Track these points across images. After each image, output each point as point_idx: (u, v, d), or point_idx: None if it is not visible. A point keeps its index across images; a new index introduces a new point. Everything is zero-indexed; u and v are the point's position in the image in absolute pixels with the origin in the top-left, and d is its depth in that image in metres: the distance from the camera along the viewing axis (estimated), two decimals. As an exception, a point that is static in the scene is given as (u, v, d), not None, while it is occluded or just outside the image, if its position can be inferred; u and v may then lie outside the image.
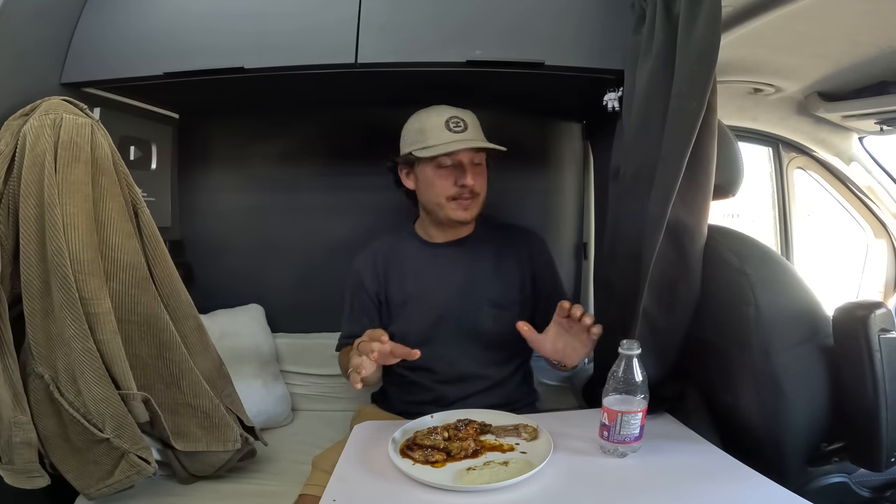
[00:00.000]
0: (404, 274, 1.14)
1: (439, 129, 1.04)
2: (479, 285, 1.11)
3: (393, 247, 1.18)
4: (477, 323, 1.09)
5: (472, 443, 0.82)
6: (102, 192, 0.94)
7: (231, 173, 1.62)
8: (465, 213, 1.07)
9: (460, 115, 1.06)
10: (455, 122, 1.04)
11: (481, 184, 1.08)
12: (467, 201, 1.06)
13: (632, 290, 0.94)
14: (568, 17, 1.07)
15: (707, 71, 0.82)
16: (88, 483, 0.95)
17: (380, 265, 1.15)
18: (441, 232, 1.15)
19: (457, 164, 1.05)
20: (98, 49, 1.14)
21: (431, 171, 1.06)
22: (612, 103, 1.07)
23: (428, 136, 1.05)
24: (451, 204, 1.07)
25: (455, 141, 1.03)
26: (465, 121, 1.05)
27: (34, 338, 0.92)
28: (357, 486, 0.74)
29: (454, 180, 1.05)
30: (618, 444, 0.78)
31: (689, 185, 0.84)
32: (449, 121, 1.04)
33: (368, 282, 1.15)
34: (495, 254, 1.14)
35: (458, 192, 1.05)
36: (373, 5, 1.08)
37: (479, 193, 1.08)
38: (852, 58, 1.34)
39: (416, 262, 1.14)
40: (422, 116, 1.09)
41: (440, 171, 1.06)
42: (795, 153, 2.09)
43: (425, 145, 1.04)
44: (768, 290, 0.84)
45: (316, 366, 1.52)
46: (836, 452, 0.86)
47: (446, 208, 1.07)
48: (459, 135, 1.04)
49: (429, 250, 1.15)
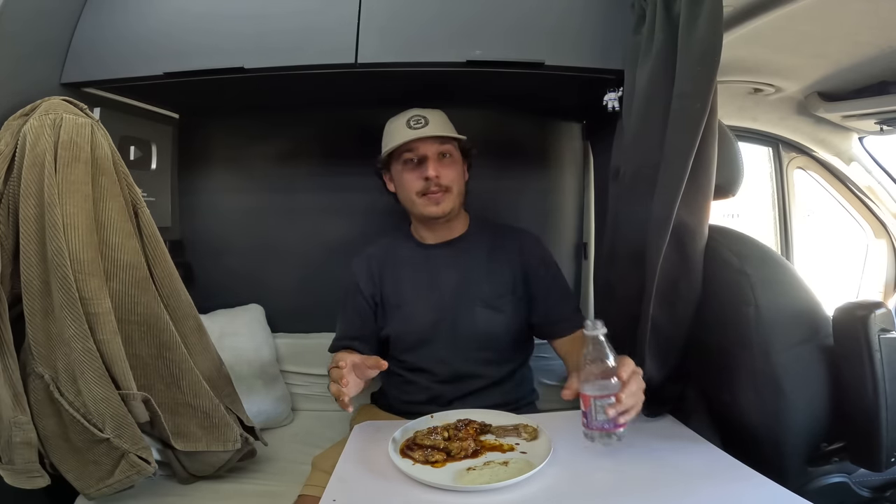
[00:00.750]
0: (399, 276, 1.15)
1: (401, 128, 1.07)
2: (472, 285, 1.11)
3: (388, 250, 1.19)
4: (471, 323, 1.09)
5: (472, 443, 0.82)
6: (102, 192, 0.94)
7: (231, 173, 1.62)
8: (436, 207, 1.07)
9: (422, 113, 1.08)
10: (416, 120, 1.07)
11: (449, 176, 1.08)
12: (436, 195, 1.06)
13: (632, 290, 0.94)
14: (568, 17, 1.08)
15: (709, 71, 0.82)
16: (88, 483, 0.95)
17: (375, 268, 1.16)
18: (431, 233, 1.15)
19: (421, 159, 1.07)
20: (98, 49, 1.14)
21: (400, 168, 1.09)
22: (612, 103, 1.07)
23: (392, 136, 1.09)
24: (421, 200, 1.08)
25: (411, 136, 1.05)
26: (425, 117, 1.07)
27: (34, 338, 0.92)
28: (357, 486, 0.74)
29: (419, 174, 1.07)
30: (597, 431, 0.76)
31: (690, 185, 0.84)
32: (410, 119, 1.07)
33: (364, 284, 1.15)
34: (487, 254, 1.14)
35: (424, 185, 1.06)
36: (373, 5, 1.08)
37: (450, 186, 1.08)
38: (852, 58, 1.34)
39: (411, 264, 1.15)
40: (391, 120, 1.13)
41: (406, 167, 1.08)
42: (795, 153, 2.09)
43: (388, 145, 1.09)
44: (768, 290, 0.84)
45: (316, 366, 1.52)
46: (836, 452, 0.86)
47: (419, 205, 1.08)
48: (417, 130, 1.05)
49: (422, 252, 1.16)
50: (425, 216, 1.09)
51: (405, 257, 1.16)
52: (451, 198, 1.08)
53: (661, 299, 0.90)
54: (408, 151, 1.07)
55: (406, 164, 1.08)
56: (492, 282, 1.11)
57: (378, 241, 1.22)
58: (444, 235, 1.15)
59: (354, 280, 1.16)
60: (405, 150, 1.07)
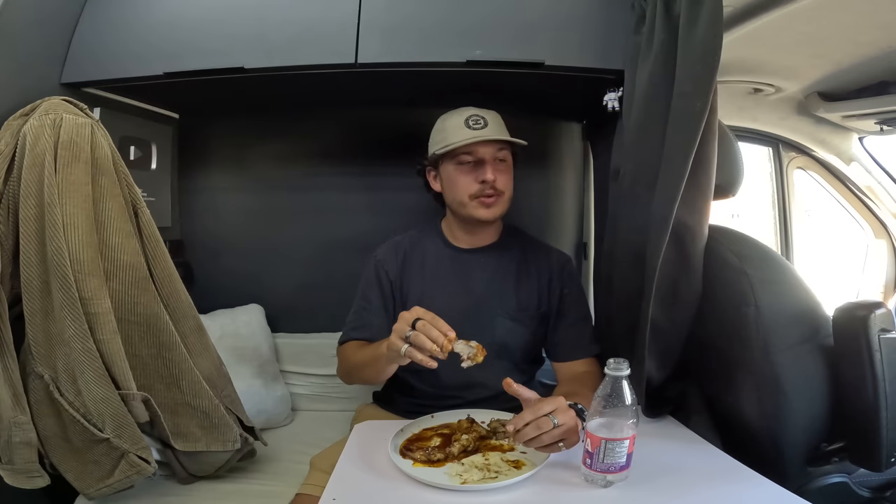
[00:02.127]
0: (424, 273, 1.12)
1: (459, 127, 1.04)
2: (497, 295, 1.09)
3: (415, 244, 1.15)
4: (491, 332, 1.07)
5: (472, 443, 0.82)
6: (102, 192, 0.94)
7: (231, 173, 1.62)
8: (487, 211, 1.05)
9: (481, 114, 1.05)
10: (475, 120, 1.04)
11: (504, 181, 1.06)
12: (490, 199, 1.04)
13: (632, 290, 0.94)
14: (568, 18, 1.07)
15: (710, 71, 0.82)
16: (88, 483, 0.95)
17: (400, 259, 1.13)
18: (466, 236, 1.13)
19: (478, 161, 1.04)
20: (98, 49, 1.14)
21: (453, 169, 1.06)
22: (612, 103, 1.07)
23: (448, 134, 1.05)
24: (473, 202, 1.05)
25: (472, 136, 1.02)
26: (485, 118, 1.04)
27: (34, 338, 0.92)
28: (357, 486, 0.74)
29: (475, 177, 1.04)
30: (602, 473, 0.72)
31: (690, 185, 0.84)
32: (469, 119, 1.04)
33: (392, 273, 1.12)
34: (518, 266, 1.12)
35: (479, 188, 1.03)
36: (373, 6, 1.08)
37: (504, 191, 1.06)
38: (852, 58, 1.34)
39: (437, 264, 1.12)
40: (444, 117, 1.09)
41: (461, 167, 1.05)
42: (795, 153, 2.09)
43: (445, 144, 1.04)
44: (768, 290, 0.84)
45: (316, 366, 1.52)
46: (836, 452, 0.86)
47: (469, 207, 1.05)
48: (478, 131, 1.03)
49: (451, 253, 1.13)
50: (475, 219, 1.06)
51: (433, 255, 1.13)
52: (503, 203, 1.06)
53: (660, 299, 0.90)
54: (466, 153, 1.04)
55: (461, 165, 1.05)
56: (519, 294, 1.10)
57: (404, 232, 1.19)
58: (479, 241, 1.13)
59: (382, 268, 1.12)
60: (463, 152, 1.04)
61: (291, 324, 1.59)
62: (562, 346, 1.10)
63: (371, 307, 1.11)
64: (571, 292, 1.12)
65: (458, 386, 1.07)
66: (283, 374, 1.51)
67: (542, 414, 0.75)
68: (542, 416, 0.75)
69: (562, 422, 0.75)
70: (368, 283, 1.13)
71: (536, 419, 0.75)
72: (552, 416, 0.75)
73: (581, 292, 1.15)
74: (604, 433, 0.71)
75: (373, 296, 1.11)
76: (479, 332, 1.04)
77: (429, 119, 1.13)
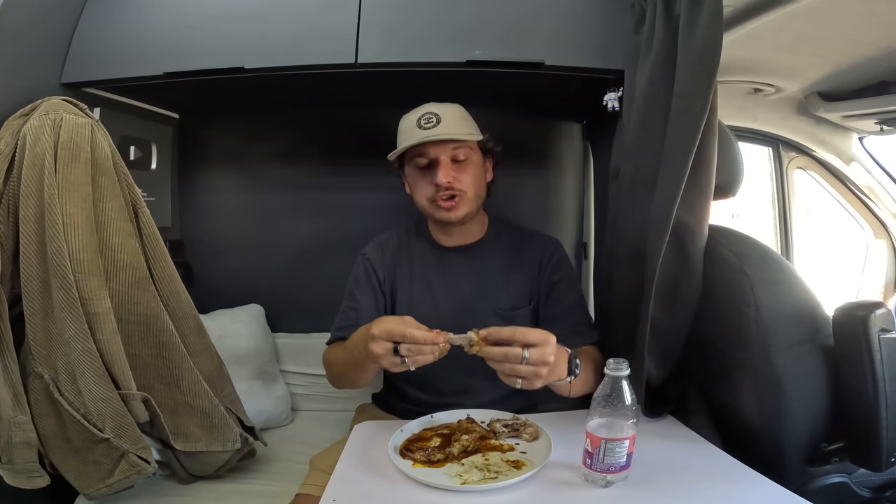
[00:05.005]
0: (411, 275, 1.09)
1: (411, 128, 0.99)
2: (487, 295, 1.06)
3: (401, 243, 1.12)
4: None
5: (473, 443, 0.82)
6: (102, 192, 0.94)
7: (231, 173, 1.62)
8: (448, 213, 1.00)
9: (434, 111, 0.99)
10: (426, 119, 0.98)
11: (464, 181, 1.00)
12: (448, 201, 0.99)
13: (632, 290, 0.94)
14: (568, 18, 1.07)
15: (710, 71, 0.82)
16: (88, 483, 0.95)
17: (388, 258, 1.10)
18: (447, 236, 1.09)
19: (432, 162, 0.99)
20: (98, 49, 1.14)
21: (411, 171, 1.03)
22: (612, 103, 1.07)
23: (402, 137, 1.01)
24: (433, 205, 1.01)
25: (421, 137, 0.96)
26: (437, 115, 0.98)
27: (34, 338, 0.92)
28: (357, 486, 0.74)
29: (430, 179, 0.99)
30: (602, 473, 0.72)
31: (690, 185, 0.84)
32: (420, 118, 0.98)
33: (381, 272, 1.08)
34: (506, 261, 1.08)
35: (433, 191, 0.99)
36: (373, 6, 1.08)
37: (465, 190, 1.00)
38: (852, 58, 1.34)
39: (424, 264, 1.09)
40: (403, 118, 1.04)
41: (417, 171, 1.01)
42: (795, 153, 2.09)
43: (399, 145, 1.01)
44: (768, 290, 0.84)
45: (316, 366, 1.51)
46: (836, 452, 0.86)
47: (430, 209, 1.02)
48: (428, 131, 0.96)
49: (437, 253, 1.10)
50: (440, 221, 1.03)
51: (419, 256, 1.10)
52: (465, 203, 1.00)
53: (660, 299, 0.90)
54: (418, 156, 0.99)
55: (416, 168, 1.01)
56: (509, 291, 1.07)
57: (388, 231, 1.15)
58: (461, 239, 1.09)
59: (371, 264, 1.09)
60: (416, 154, 0.99)
61: (291, 324, 1.59)
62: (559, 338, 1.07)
63: (359, 307, 1.06)
64: (563, 279, 1.07)
65: (456, 392, 1.05)
66: (283, 374, 1.51)
67: (521, 343, 0.74)
68: (516, 349, 0.74)
69: (532, 360, 0.74)
70: (357, 282, 1.09)
71: (509, 348, 0.74)
72: (525, 352, 0.74)
73: (573, 278, 1.10)
74: (604, 433, 0.71)
75: (361, 295, 1.07)
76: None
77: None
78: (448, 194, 0.99)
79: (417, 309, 1.05)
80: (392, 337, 0.78)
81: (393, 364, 0.79)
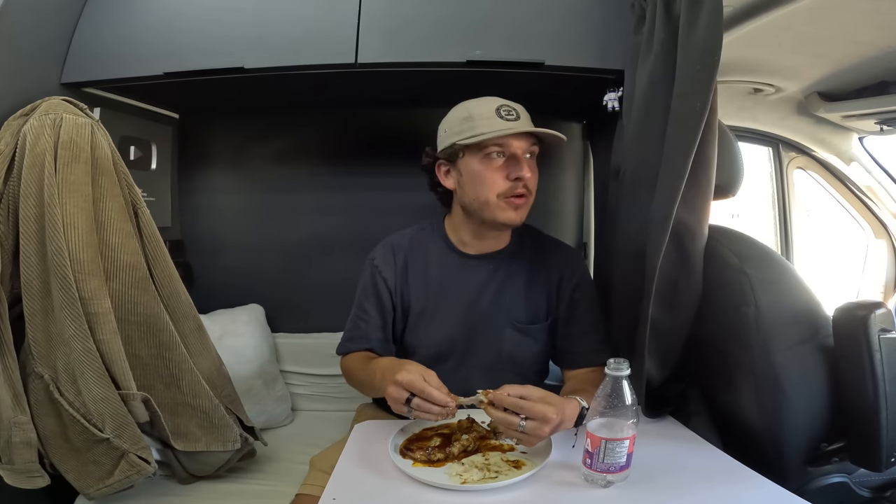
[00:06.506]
0: (428, 280, 1.03)
1: (490, 116, 0.91)
2: (505, 306, 1.02)
3: (416, 246, 1.05)
4: (497, 344, 1.01)
5: (473, 443, 0.82)
6: (102, 192, 0.94)
7: (231, 173, 1.62)
8: (514, 213, 0.94)
9: (512, 105, 0.94)
10: (507, 110, 0.92)
11: (535, 181, 0.95)
12: (520, 199, 0.93)
13: (632, 290, 0.94)
14: (568, 18, 1.08)
15: (710, 71, 0.82)
16: (88, 483, 0.95)
17: (399, 263, 1.03)
18: (476, 241, 1.02)
19: (509, 157, 0.93)
20: (98, 49, 1.14)
21: (479, 164, 0.93)
22: (612, 103, 1.07)
23: (477, 123, 0.92)
24: (500, 203, 0.93)
25: (507, 128, 0.90)
26: (517, 110, 0.94)
27: (34, 338, 0.92)
28: (357, 486, 0.74)
29: (506, 174, 0.92)
30: (602, 473, 0.71)
31: (690, 184, 0.84)
32: (500, 108, 0.92)
33: (391, 281, 1.02)
34: (528, 274, 1.04)
35: (510, 186, 0.92)
36: (373, 6, 1.08)
37: (532, 192, 0.96)
38: (852, 58, 1.34)
39: (441, 270, 1.03)
40: (468, 105, 0.96)
41: (490, 162, 0.93)
42: (795, 153, 2.09)
43: (473, 134, 0.91)
44: (768, 290, 0.84)
45: (316, 366, 1.52)
46: (836, 452, 0.86)
47: (494, 208, 0.93)
48: (513, 123, 0.91)
49: (456, 259, 1.03)
50: (498, 222, 0.95)
51: (435, 260, 1.04)
52: (528, 206, 0.96)
53: (660, 299, 0.90)
54: (496, 146, 0.92)
55: (489, 159, 0.92)
56: (527, 304, 1.03)
57: (400, 232, 1.08)
58: (489, 246, 1.03)
59: (380, 273, 1.02)
60: (493, 144, 0.91)
61: (291, 324, 1.59)
62: (571, 354, 1.03)
63: (369, 318, 1.02)
64: (583, 297, 1.04)
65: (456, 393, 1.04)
66: (283, 374, 1.51)
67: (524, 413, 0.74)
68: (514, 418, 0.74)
69: (528, 430, 0.74)
70: (365, 291, 1.04)
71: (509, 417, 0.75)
72: (522, 422, 0.74)
73: (593, 296, 1.06)
74: (604, 433, 0.71)
75: (370, 306, 1.03)
76: (485, 345, 1.02)
77: (429, 119, 1.11)
78: (524, 191, 0.94)
79: (431, 317, 1.02)
80: (412, 389, 0.78)
81: (399, 409, 0.80)
